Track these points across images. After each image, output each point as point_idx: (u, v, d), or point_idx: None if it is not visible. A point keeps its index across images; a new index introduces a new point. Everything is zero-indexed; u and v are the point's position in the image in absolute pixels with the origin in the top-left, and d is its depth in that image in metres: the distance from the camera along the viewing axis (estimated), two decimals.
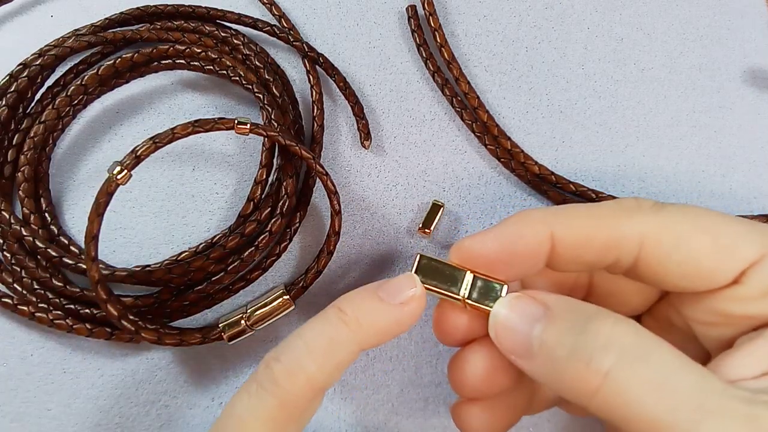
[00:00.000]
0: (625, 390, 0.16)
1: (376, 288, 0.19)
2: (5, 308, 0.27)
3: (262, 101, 0.29)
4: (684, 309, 0.20)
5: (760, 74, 0.32)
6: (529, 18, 0.34)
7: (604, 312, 0.18)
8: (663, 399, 0.15)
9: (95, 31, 0.31)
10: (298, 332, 0.19)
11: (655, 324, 0.22)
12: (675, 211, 0.19)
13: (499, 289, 0.20)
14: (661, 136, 0.31)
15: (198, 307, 0.28)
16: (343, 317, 0.19)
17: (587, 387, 0.16)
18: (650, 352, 0.16)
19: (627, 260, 0.19)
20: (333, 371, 0.18)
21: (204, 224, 0.30)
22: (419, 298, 0.19)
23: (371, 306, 0.19)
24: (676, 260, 0.18)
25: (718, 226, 0.18)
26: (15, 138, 0.29)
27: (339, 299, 0.20)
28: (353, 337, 0.19)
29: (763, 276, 0.18)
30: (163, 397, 0.27)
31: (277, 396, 0.18)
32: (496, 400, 0.21)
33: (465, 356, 0.21)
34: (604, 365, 0.16)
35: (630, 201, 0.20)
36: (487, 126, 0.30)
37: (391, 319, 0.19)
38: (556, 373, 0.17)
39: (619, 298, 0.22)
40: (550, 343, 0.18)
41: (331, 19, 0.34)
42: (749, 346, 0.18)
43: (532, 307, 0.19)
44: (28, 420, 0.27)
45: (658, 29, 0.33)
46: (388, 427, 0.27)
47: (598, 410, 0.16)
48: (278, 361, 0.18)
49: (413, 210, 0.30)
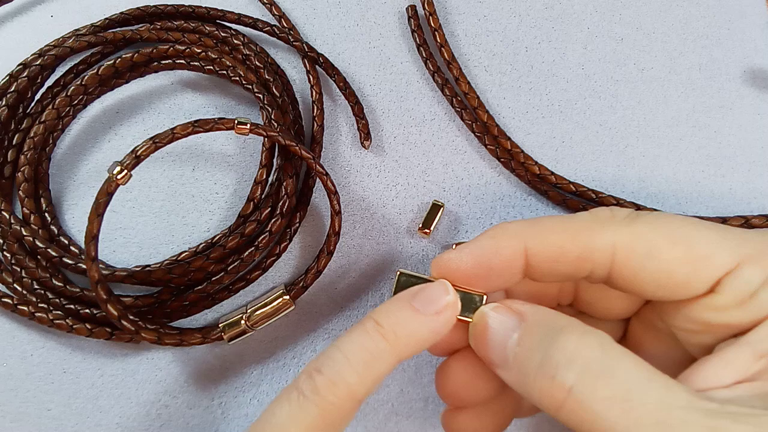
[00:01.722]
0: (589, 405, 0.16)
1: (411, 298, 0.20)
2: (5, 308, 0.27)
3: (262, 101, 0.29)
4: (665, 316, 0.20)
5: (760, 74, 0.32)
6: (529, 18, 0.34)
7: (572, 325, 0.18)
8: (626, 413, 0.16)
9: (95, 31, 0.31)
10: (337, 344, 0.19)
11: (642, 327, 0.22)
12: (648, 221, 0.19)
13: (479, 300, 0.20)
14: (661, 136, 0.31)
15: (198, 307, 0.28)
16: (380, 330, 0.19)
17: (553, 400, 0.17)
18: (615, 366, 0.16)
19: (601, 271, 0.19)
20: (372, 383, 0.19)
21: (204, 224, 0.30)
22: (453, 305, 0.20)
23: (407, 317, 0.19)
24: (649, 270, 0.18)
25: (692, 235, 0.19)
26: (15, 138, 0.29)
27: (375, 311, 0.20)
28: (391, 349, 0.19)
29: (738, 285, 0.18)
30: (163, 397, 0.27)
31: (318, 405, 0.18)
32: (484, 407, 0.21)
33: (449, 366, 0.21)
34: (568, 380, 0.16)
35: (604, 212, 0.20)
36: (487, 126, 0.30)
37: (428, 329, 0.19)
38: (526, 385, 0.18)
39: (604, 303, 0.22)
40: (522, 354, 0.18)
41: (331, 19, 0.34)
42: (724, 354, 0.18)
43: (509, 317, 0.19)
44: (28, 420, 0.27)
45: (658, 29, 0.33)
46: (388, 427, 0.27)
47: (566, 423, 0.17)
48: (320, 372, 0.18)
49: (413, 210, 0.30)
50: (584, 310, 0.23)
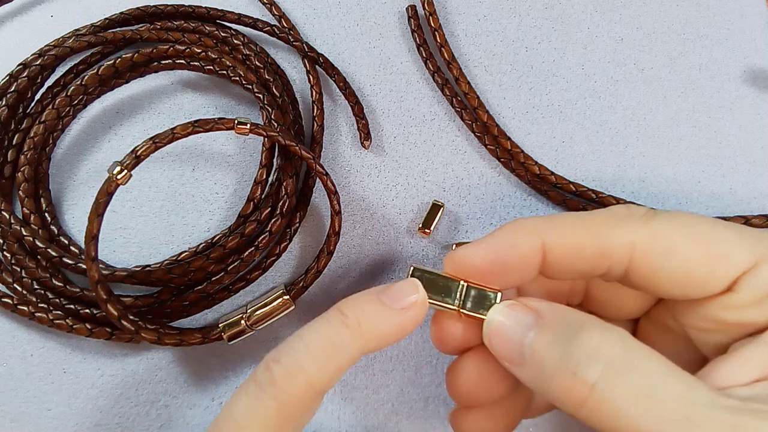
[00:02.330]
0: (612, 401, 0.16)
1: (379, 292, 0.19)
2: (5, 308, 0.27)
3: (262, 101, 0.29)
4: (679, 315, 0.20)
5: (760, 74, 0.32)
6: (529, 18, 0.34)
7: (592, 321, 0.18)
8: (649, 410, 0.15)
9: (95, 31, 0.31)
10: (298, 333, 0.19)
11: (653, 327, 0.22)
12: (666, 219, 0.19)
13: (493, 297, 0.20)
14: (661, 136, 0.31)
15: (198, 307, 0.28)
16: (344, 320, 0.19)
17: (575, 397, 0.16)
18: (637, 362, 0.16)
19: (619, 269, 0.19)
20: (333, 374, 0.18)
21: (204, 224, 0.30)
22: (421, 304, 0.19)
23: (373, 310, 0.19)
24: (668, 269, 0.18)
25: (710, 234, 0.18)
26: (15, 138, 0.29)
27: (341, 302, 0.19)
28: (354, 340, 0.19)
29: (755, 283, 0.18)
30: (163, 397, 0.27)
31: (275, 398, 0.18)
32: (494, 407, 0.21)
33: (461, 364, 0.21)
34: (591, 376, 0.16)
35: (621, 209, 0.20)
36: (487, 126, 0.30)
37: (393, 324, 0.19)
38: (545, 382, 0.17)
39: (616, 302, 0.22)
40: (540, 352, 0.18)
41: (331, 19, 0.34)
42: (742, 352, 0.18)
43: (525, 315, 0.19)
44: (28, 420, 0.27)
45: (658, 29, 0.33)
46: (388, 427, 0.27)
47: (586, 420, 0.16)
48: (278, 362, 0.18)
49: (413, 210, 0.30)
50: (594, 309, 0.23)
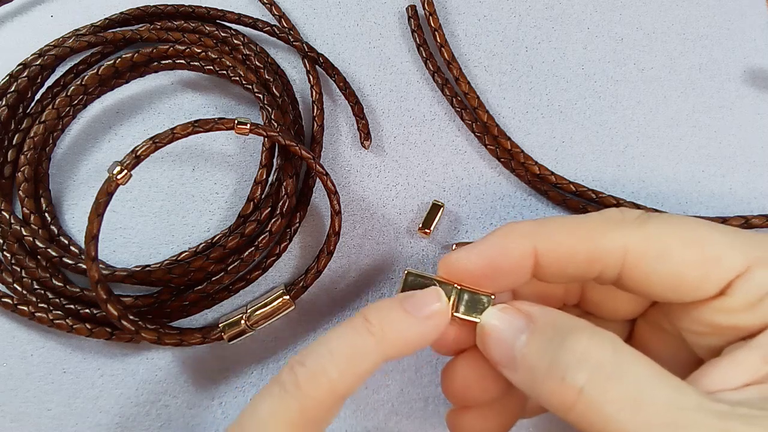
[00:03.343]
0: (600, 405, 0.16)
1: (401, 300, 0.20)
2: (5, 308, 0.27)
3: (262, 101, 0.29)
4: (673, 318, 0.20)
5: (760, 74, 0.32)
6: (529, 18, 0.34)
7: (582, 326, 0.18)
8: (636, 415, 0.15)
9: (95, 31, 0.31)
10: (323, 338, 0.19)
11: (649, 328, 0.22)
12: (660, 222, 0.19)
13: (486, 300, 0.20)
14: (661, 136, 0.31)
15: (198, 307, 0.28)
16: (369, 327, 0.19)
17: (564, 402, 0.16)
18: (626, 366, 0.16)
19: (612, 273, 0.19)
20: (355, 379, 0.18)
21: (204, 224, 0.30)
22: (444, 313, 0.20)
23: (397, 317, 0.19)
24: (661, 273, 0.18)
25: (703, 238, 0.18)
26: (15, 138, 0.29)
27: (365, 309, 0.19)
28: (378, 347, 0.19)
29: (748, 287, 0.18)
30: (163, 397, 0.27)
31: (298, 400, 0.18)
32: (489, 407, 0.21)
33: (456, 365, 0.21)
34: (579, 381, 0.16)
35: (615, 213, 0.20)
36: (487, 126, 0.30)
37: (416, 332, 0.19)
38: (536, 386, 0.18)
39: (611, 305, 0.22)
40: (531, 356, 0.18)
41: (331, 19, 0.34)
42: (733, 356, 0.18)
43: (517, 318, 0.19)
44: (27, 420, 0.27)
45: (658, 29, 0.33)
46: (388, 427, 0.27)
47: (576, 424, 0.17)
48: (302, 365, 0.18)
49: (413, 210, 0.30)
50: (591, 310, 0.23)
